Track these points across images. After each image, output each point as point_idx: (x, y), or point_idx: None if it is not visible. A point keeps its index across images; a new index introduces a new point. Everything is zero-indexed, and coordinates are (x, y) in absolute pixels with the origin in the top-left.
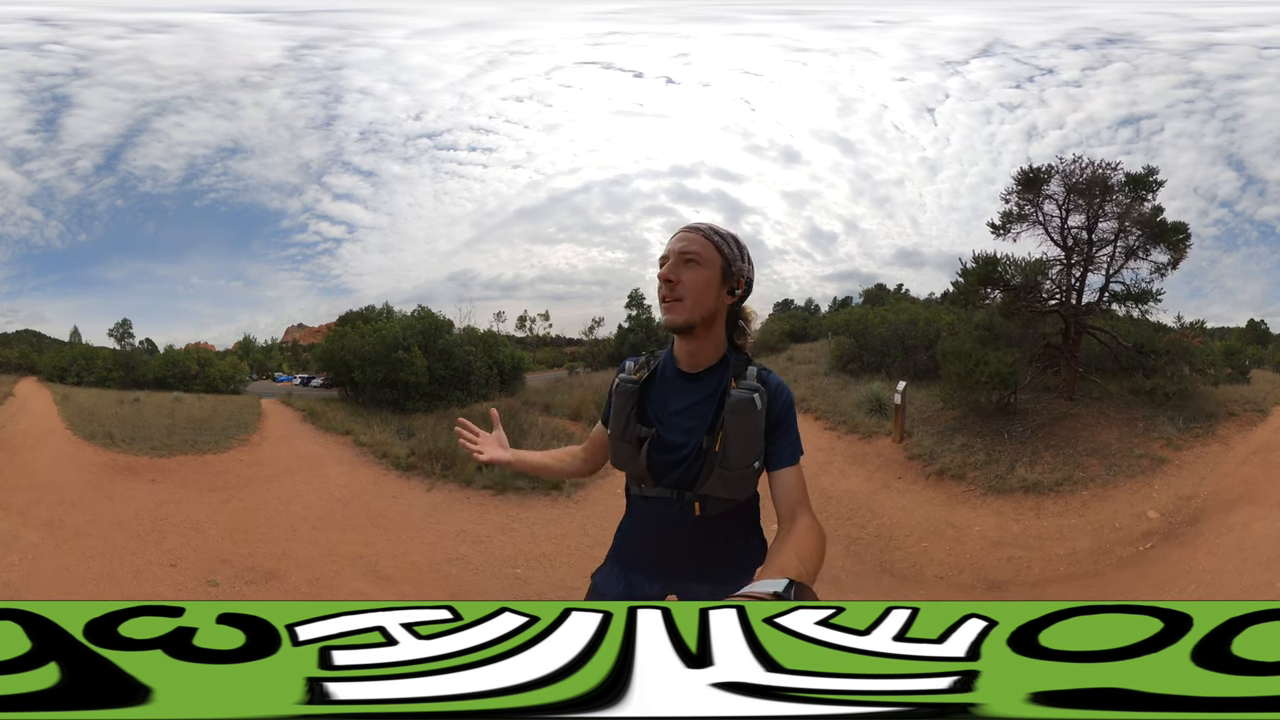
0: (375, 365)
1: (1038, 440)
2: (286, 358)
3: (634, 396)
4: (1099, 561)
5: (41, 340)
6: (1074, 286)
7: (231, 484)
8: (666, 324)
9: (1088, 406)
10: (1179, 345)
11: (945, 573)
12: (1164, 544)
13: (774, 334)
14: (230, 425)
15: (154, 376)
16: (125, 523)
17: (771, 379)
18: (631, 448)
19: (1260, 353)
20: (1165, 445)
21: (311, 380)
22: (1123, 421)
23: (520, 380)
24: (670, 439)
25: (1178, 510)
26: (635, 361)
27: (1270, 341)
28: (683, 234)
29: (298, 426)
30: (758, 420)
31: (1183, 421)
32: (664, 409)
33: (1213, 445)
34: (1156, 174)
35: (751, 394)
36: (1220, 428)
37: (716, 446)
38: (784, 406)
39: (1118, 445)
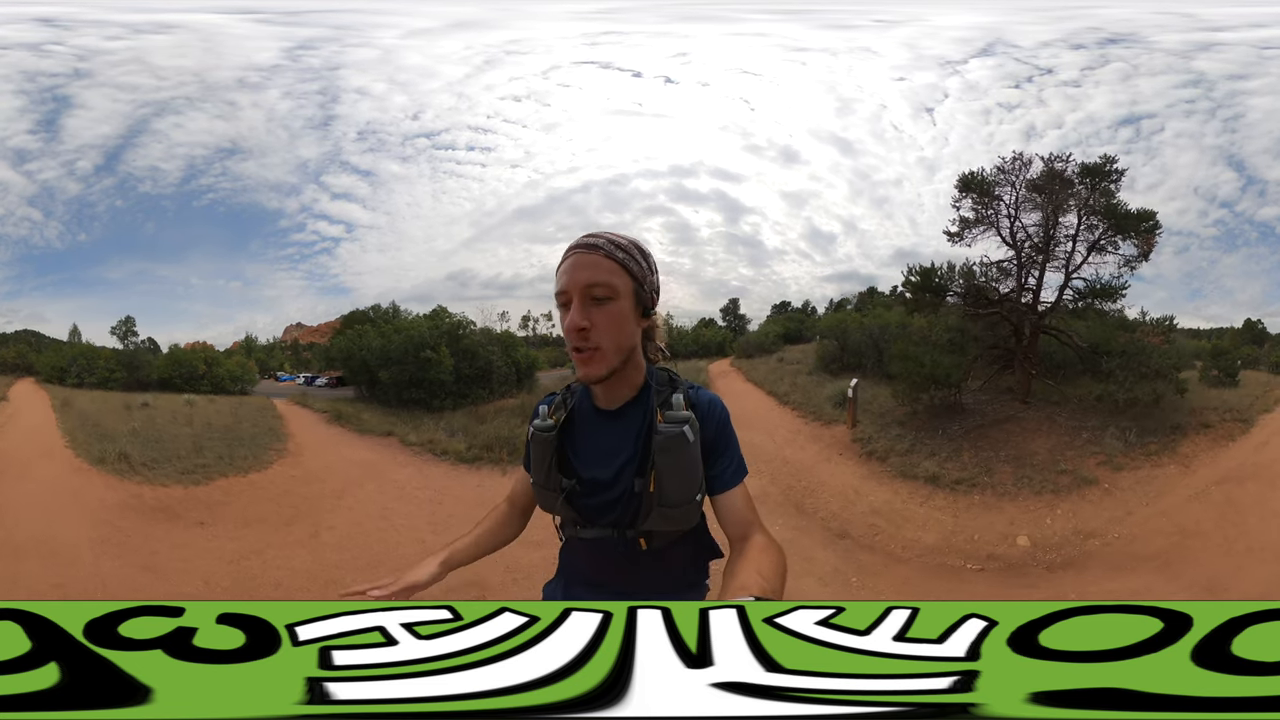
0: (400, 365)
1: (967, 439)
2: (287, 357)
3: (551, 445)
4: (925, 558)
5: (40, 340)
6: (1026, 286)
7: (302, 509)
8: (583, 378)
9: (1039, 411)
10: (1137, 345)
11: (827, 518)
12: (997, 576)
13: (769, 336)
14: (260, 433)
15: (158, 377)
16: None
17: (702, 399)
18: (556, 495)
19: (1255, 352)
20: (1102, 463)
21: (316, 380)
22: (1067, 430)
23: (533, 379)
24: (597, 484)
25: (1062, 546)
26: (549, 405)
27: (1266, 341)
28: (579, 257)
29: (328, 430)
30: (693, 452)
31: (1136, 435)
32: (587, 453)
33: (1167, 466)
34: (1115, 162)
35: (680, 427)
36: (1186, 443)
37: (651, 488)
38: (718, 427)
39: (1044, 456)
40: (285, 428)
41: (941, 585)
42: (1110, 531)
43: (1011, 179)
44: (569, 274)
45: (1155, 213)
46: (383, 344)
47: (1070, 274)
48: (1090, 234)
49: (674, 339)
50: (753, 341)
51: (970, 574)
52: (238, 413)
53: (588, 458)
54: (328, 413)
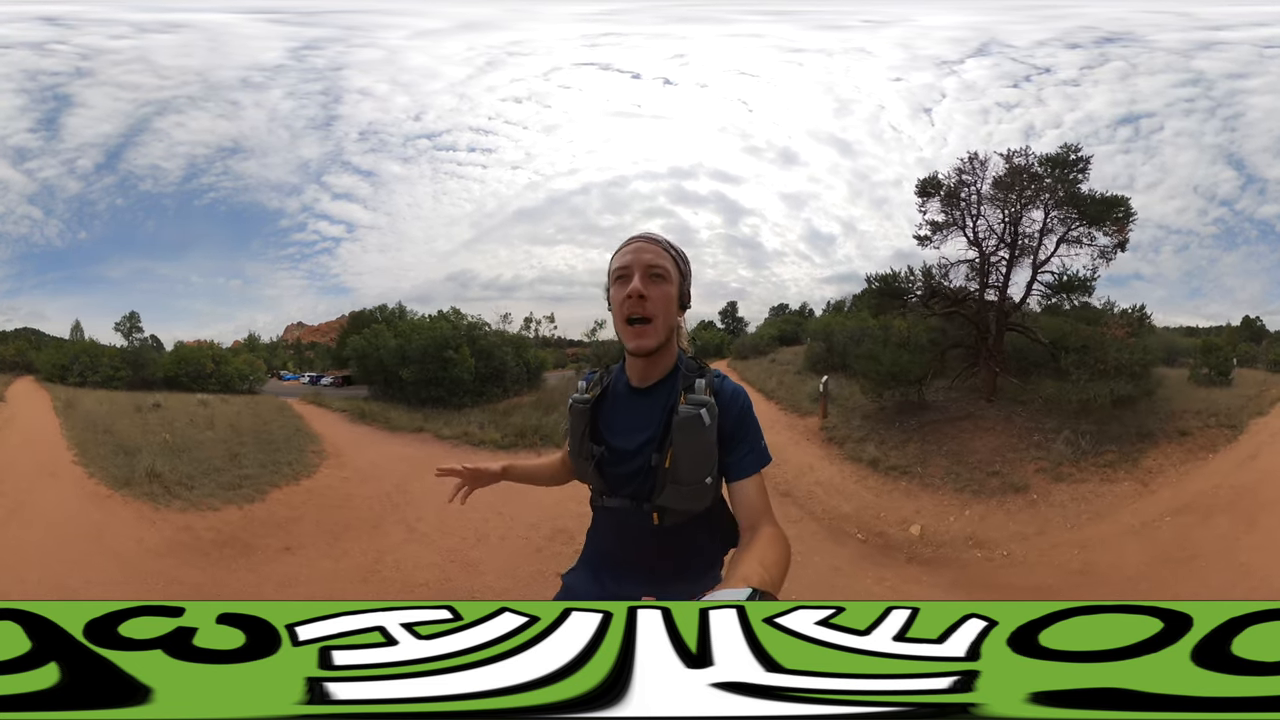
0: (420, 364)
1: (920, 432)
2: (290, 356)
3: (586, 415)
4: (833, 522)
5: (41, 338)
6: (992, 285)
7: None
8: (636, 348)
9: (1001, 410)
10: (1098, 340)
11: (780, 483)
12: (869, 550)
13: (764, 338)
14: (289, 434)
15: (164, 375)
16: None
17: (726, 388)
18: (587, 463)
19: (1253, 350)
20: (1042, 470)
21: (321, 379)
22: (1020, 431)
23: (541, 378)
24: (622, 454)
25: (944, 546)
26: (589, 380)
27: (1265, 339)
28: (642, 244)
29: (354, 429)
30: (707, 435)
31: (1091, 440)
32: (616, 426)
33: (1120, 483)
34: (1078, 150)
35: (698, 410)
36: (1152, 455)
37: (666, 463)
38: (739, 416)
39: (983, 455)
40: (311, 428)
41: (825, 544)
42: (1003, 548)
43: (972, 179)
44: (632, 255)
45: (1127, 198)
46: (400, 344)
47: (1037, 268)
48: (1060, 226)
49: None
50: (748, 343)
51: (853, 542)
52: (259, 413)
53: (616, 429)
54: (348, 411)
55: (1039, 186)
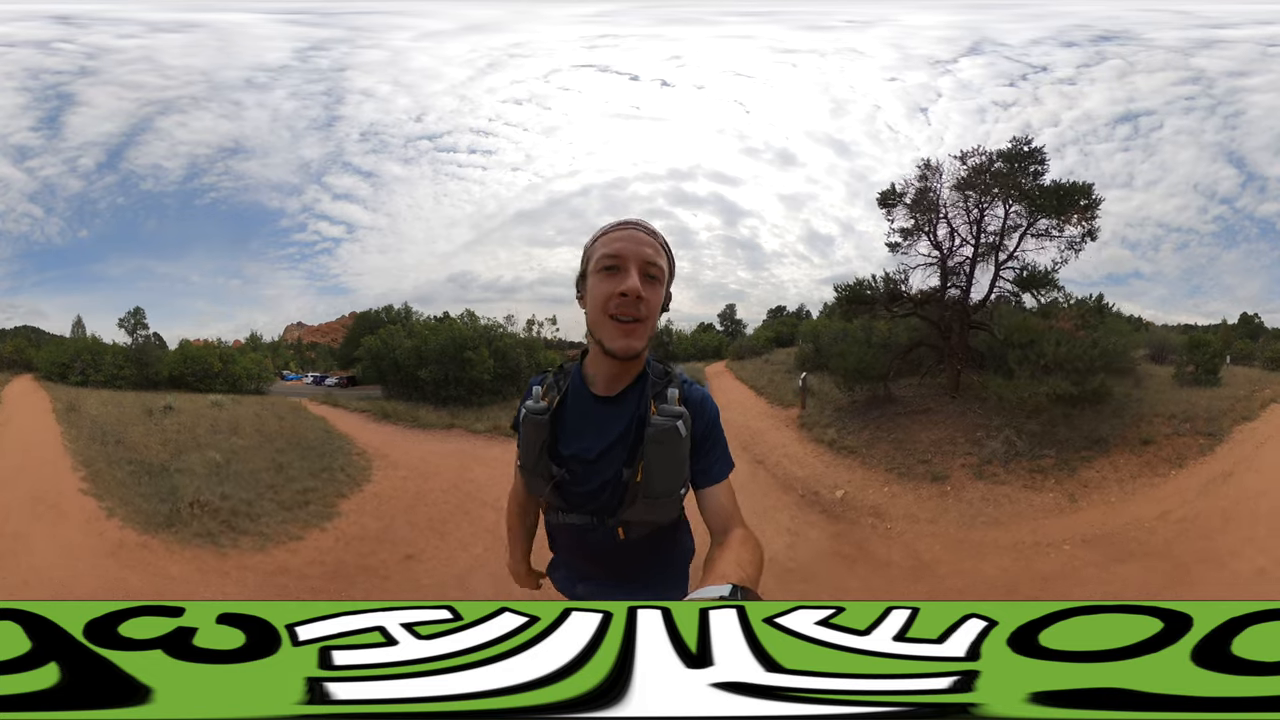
0: (438, 364)
1: (880, 422)
2: (291, 356)
3: (544, 429)
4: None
5: (40, 336)
6: (952, 285)
7: (456, 504)
8: (624, 349)
9: (961, 405)
10: (1046, 334)
11: (759, 456)
12: (800, 500)
13: (760, 340)
14: (323, 438)
15: (169, 374)
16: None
17: (694, 394)
18: (543, 481)
19: (1250, 347)
20: (968, 466)
21: (325, 379)
22: (968, 425)
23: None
24: (586, 471)
25: (849, 510)
26: (540, 385)
27: (1262, 335)
28: (641, 235)
29: (381, 428)
30: (683, 448)
31: (1030, 442)
32: (578, 439)
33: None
34: (1029, 142)
35: (674, 421)
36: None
37: (638, 478)
38: (709, 423)
39: (925, 445)
40: (340, 430)
41: (777, 494)
42: (893, 524)
43: (930, 185)
44: (628, 243)
45: (1090, 185)
46: (415, 344)
47: (1000, 265)
48: (1022, 221)
49: (674, 343)
50: (745, 345)
51: (795, 495)
52: (280, 416)
53: (577, 442)
54: (368, 412)
55: (1000, 183)
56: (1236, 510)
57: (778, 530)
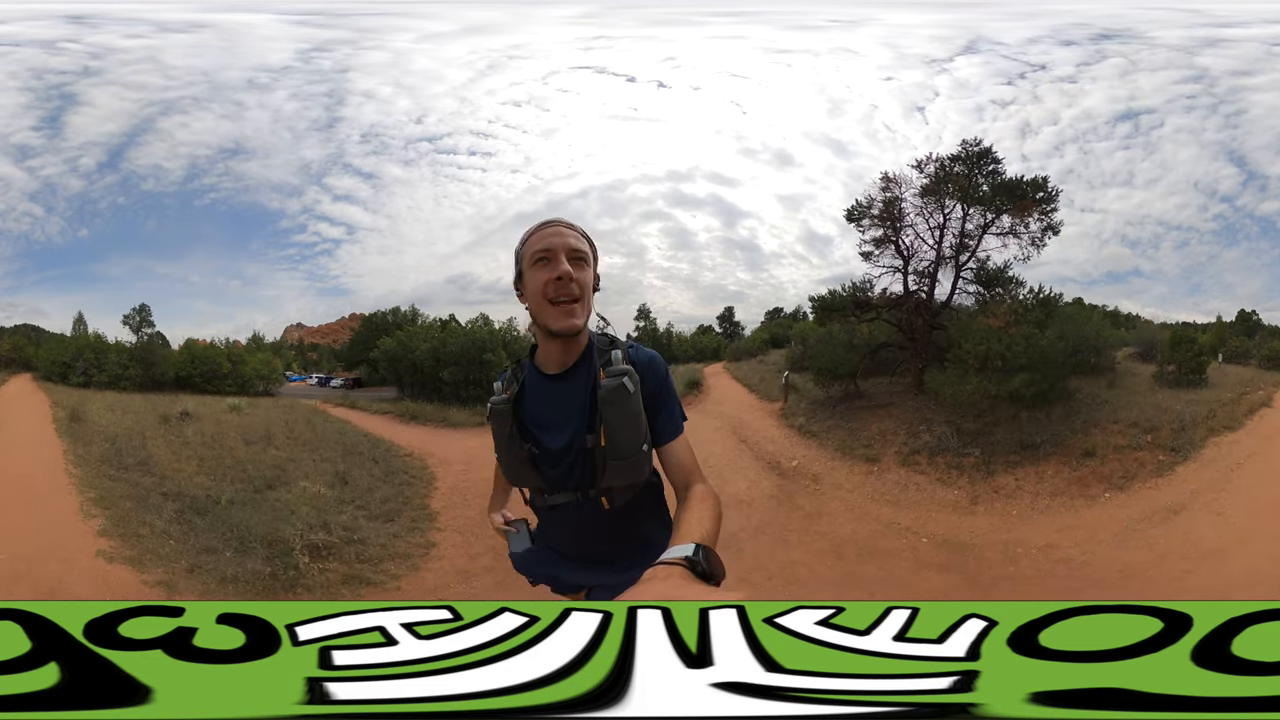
0: (456, 365)
1: (846, 414)
2: (293, 357)
3: (509, 416)
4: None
5: (40, 334)
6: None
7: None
8: (566, 328)
9: (922, 401)
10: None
11: (744, 439)
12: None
13: (756, 341)
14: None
15: (175, 375)
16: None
17: (641, 355)
18: (522, 464)
19: (1246, 344)
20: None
21: (330, 380)
22: (915, 420)
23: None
24: (554, 447)
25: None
26: (502, 381)
27: (1258, 333)
28: (562, 228)
29: (412, 430)
30: (634, 403)
31: (962, 440)
32: (542, 419)
33: (952, 487)
34: (979, 142)
35: (620, 379)
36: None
37: (602, 442)
38: (659, 380)
39: (872, 433)
40: (371, 431)
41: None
42: (822, 488)
43: (894, 194)
44: (554, 238)
45: (1045, 179)
46: (433, 346)
47: (960, 267)
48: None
49: (674, 344)
50: (742, 347)
51: (763, 464)
52: (309, 420)
53: (543, 422)
54: (391, 414)
55: (958, 185)
56: (1158, 572)
57: (745, 480)
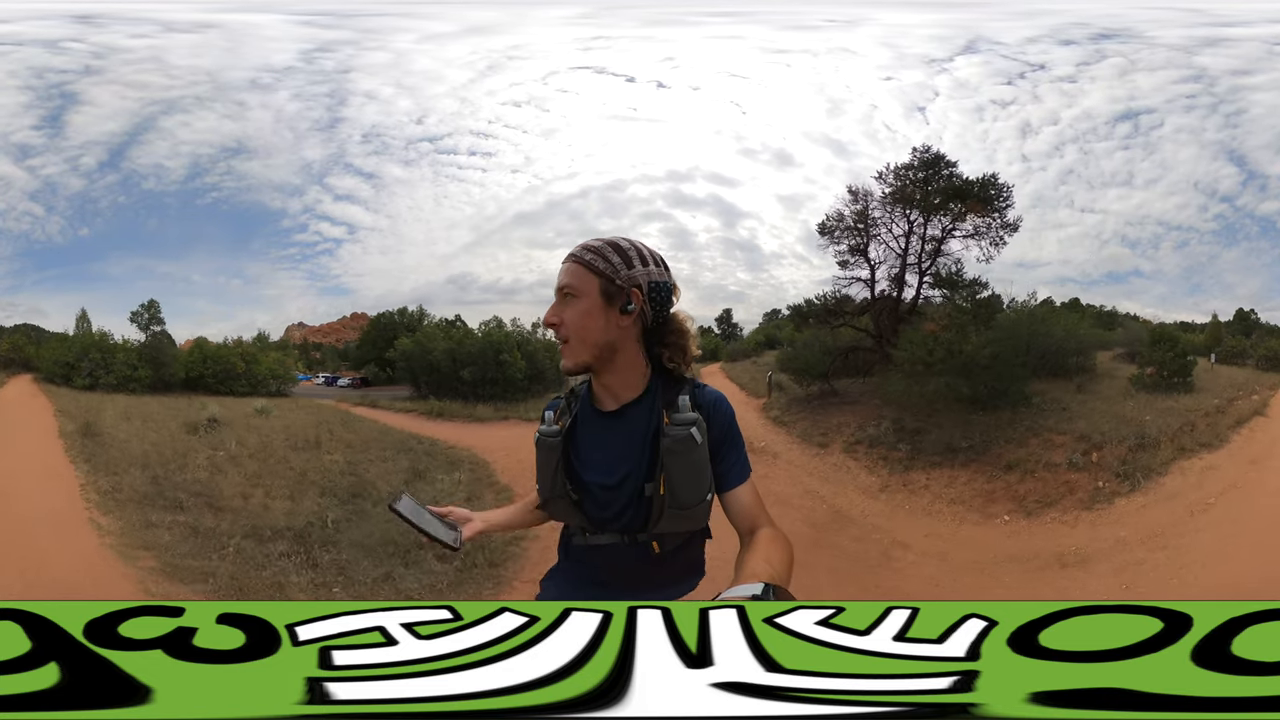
0: (479, 365)
1: (817, 409)
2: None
3: (557, 451)
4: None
5: (40, 334)
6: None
7: None
8: (562, 369)
9: (885, 399)
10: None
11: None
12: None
13: (751, 343)
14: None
15: (184, 375)
16: None
17: (707, 396)
18: (563, 502)
19: (1243, 344)
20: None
21: (337, 380)
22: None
23: (566, 381)
24: (604, 487)
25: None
26: (554, 409)
27: (1255, 332)
28: (565, 263)
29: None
30: (701, 453)
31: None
32: (592, 457)
33: (876, 472)
34: (929, 149)
35: (688, 429)
36: (937, 476)
37: (661, 490)
38: (725, 424)
39: (830, 425)
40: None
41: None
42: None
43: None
44: (558, 275)
45: (995, 176)
46: (450, 346)
47: (923, 271)
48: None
49: None
50: (739, 348)
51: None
52: (344, 422)
53: (593, 462)
54: (414, 411)
55: (917, 190)
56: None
57: None
